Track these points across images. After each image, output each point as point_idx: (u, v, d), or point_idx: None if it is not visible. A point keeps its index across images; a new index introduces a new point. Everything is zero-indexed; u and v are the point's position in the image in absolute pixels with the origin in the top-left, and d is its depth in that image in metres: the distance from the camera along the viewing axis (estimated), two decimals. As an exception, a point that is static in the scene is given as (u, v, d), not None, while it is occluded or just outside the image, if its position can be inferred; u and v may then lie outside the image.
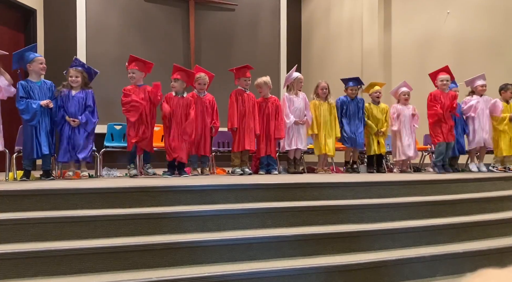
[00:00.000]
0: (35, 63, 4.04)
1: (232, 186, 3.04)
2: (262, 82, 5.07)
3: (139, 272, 2.32)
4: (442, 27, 7.10)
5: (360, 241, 2.80)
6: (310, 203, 3.07)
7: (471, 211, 3.36)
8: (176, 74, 4.50)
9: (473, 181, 3.86)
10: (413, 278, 2.63)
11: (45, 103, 3.94)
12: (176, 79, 4.49)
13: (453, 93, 5.18)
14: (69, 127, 4.15)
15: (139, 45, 8.19)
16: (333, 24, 9.11)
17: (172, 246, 2.46)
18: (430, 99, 5.11)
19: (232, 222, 2.75)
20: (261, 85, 5.07)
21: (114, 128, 5.38)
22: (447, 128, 4.98)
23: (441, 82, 5.10)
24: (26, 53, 4.08)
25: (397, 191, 3.44)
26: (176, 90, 4.49)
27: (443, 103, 5.01)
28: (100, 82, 7.26)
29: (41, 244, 2.38)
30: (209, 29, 8.84)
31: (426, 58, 7.30)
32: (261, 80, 5.07)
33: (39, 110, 3.92)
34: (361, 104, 5.46)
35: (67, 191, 2.77)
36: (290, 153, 5.22)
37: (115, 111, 7.12)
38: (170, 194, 2.89)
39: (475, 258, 2.83)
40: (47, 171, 4.13)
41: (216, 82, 5.00)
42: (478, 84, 5.44)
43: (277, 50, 9.45)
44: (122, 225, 2.58)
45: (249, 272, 2.35)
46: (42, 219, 2.50)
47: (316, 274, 2.46)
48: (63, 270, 2.28)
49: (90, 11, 7.86)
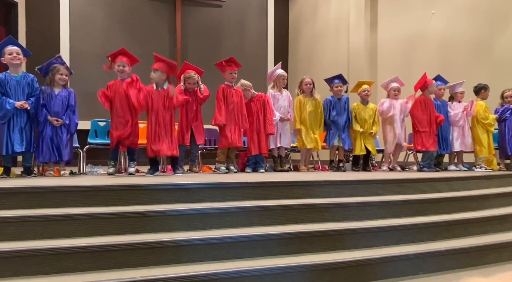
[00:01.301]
0: (5, 55, 3.90)
1: (218, 185, 3.03)
2: (240, 87, 5.02)
3: (123, 271, 2.29)
4: (427, 27, 7.20)
5: (345, 239, 2.81)
6: (296, 201, 3.07)
7: (454, 210, 3.42)
8: (155, 65, 4.25)
9: (457, 179, 3.92)
10: (396, 276, 2.66)
11: (20, 104, 3.82)
12: (155, 70, 4.23)
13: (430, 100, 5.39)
14: (51, 127, 4.06)
15: (124, 41, 8.06)
16: (320, 22, 9.14)
17: (157, 245, 2.43)
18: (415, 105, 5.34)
19: (218, 221, 2.73)
20: (243, 92, 5.02)
21: (98, 124, 5.30)
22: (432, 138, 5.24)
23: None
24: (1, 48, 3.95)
25: (381, 189, 3.47)
26: (155, 82, 4.23)
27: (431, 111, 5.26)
28: (84, 77, 7.15)
29: (21, 243, 2.32)
30: (196, 26, 8.77)
31: (412, 57, 7.39)
32: (240, 85, 5.03)
33: (11, 111, 3.79)
34: (347, 105, 5.50)
35: (49, 188, 2.71)
36: (274, 151, 5.23)
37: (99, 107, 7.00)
38: (155, 192, 2.85)
39: (457, 255, 2.88)
40: (27, 168, 4.03)
41: (203, 79, 4.96)
42: (458, 91, 5.57)
43: (264, 47, 9.45)
44: (106, 223, 2.53)
45: (234, 270, 2.34)
46: (22, 218, 2.44)
47: (301, 272, 2.46)
48: (45, 270, 2.23)
49: (74, 5, 7.72)
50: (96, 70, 7.22)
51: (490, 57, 6.38)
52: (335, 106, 5.44)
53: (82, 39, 7.77)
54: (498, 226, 3.36)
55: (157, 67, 4.24)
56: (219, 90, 4.83)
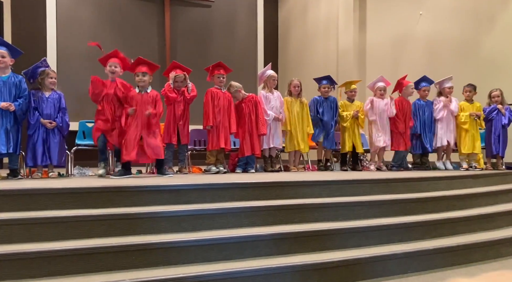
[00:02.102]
0: None
1: (208, 186, 3.02)
2: (233, 90, 5.01)
3: (113, 273, 2.27)
4: (415, 27, 7.28)
5: (334, 239, 2.83)
6: (287, 201, 3.08)
7: (441, 209, 3.47)
8: (145, 69, 4.16)
9: (444, 179, 3.97)
10: (385, 275, 2.69)
11: (5, 106, 3.76)
12: (144, 73, 4.13)
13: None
14: (43, 130, 4.03)
15: (112, 41, 8.00)
16: (309, 23, 9.18)
17: (147, 246, 2.42)
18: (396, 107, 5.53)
19: (208, 222, 2.73)
20: (234, 94, 5.02)
21: (86, 125, 5.25)
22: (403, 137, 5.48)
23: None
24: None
25: (370, 189, 3.50)
26: (142, 86, 4.14)
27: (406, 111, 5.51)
28: (71, 78, 7.08)
29: (8, 247, 2.29)
30: (185, 26, 8.74)
31: (400, 57, 7.47)
32: (230, 87, 5.03)
33: None
34: (334, 105, 5.55)
35: (36, 191, 2.67)
36: (265, 151, 5.23)
37: (87, 108, 6.93)
38: (144, 194, 2.84)
39: (445, 254, 2.92)
40: (14, 170, 3.97)
41: (192, 80, 4.95)
42: (446, 86, 5.65)
43: (254, 48, 9.45)
44: (95, 225, 2.51)
45: (224, 272, 2.34)
46: (9, 221, 2.41)
47: (291, 272, 2.47)
48: (33, 273, 2.20)
49: (60, 5, 7.62)
50: (83, 70, 7.17)
51: (476, 57, 6.48)
52: (321, 104, 5.51)
53: (69, 39, 7.68)
54: (485, 225, 3.42)
55: (147, 70, 4.17)
56: (207, 94, 4.83)
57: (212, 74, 4.93)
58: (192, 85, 4.82)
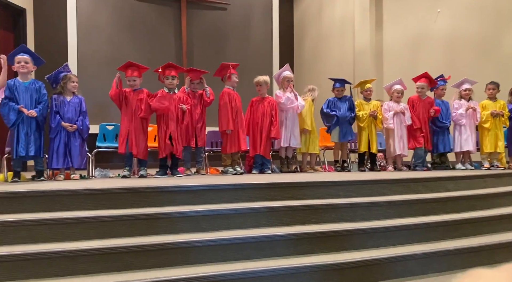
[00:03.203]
0: (15, 63, 3.99)
1: (225, 186, 3.04)
2: (262, 80, 5.07)
3: (133, 273, 2.31)
4: (433, 26, 7.16)
5: (352, 240, 2.81)
6: (303, 202, 3.08)
7: (462, 209, 3.40)
8: (174, 72, 4.58)
9: (464, 178, 3.90)
10: (405, 276, 2.65)
11: (30, 114, 3.87)
12: (173, 76, 4.55)
13: (430, 100, 5.52)
14: (65, 134, 4.14)
15: (130, 45, 8.15)
16: (325, 23, 9.14)
17: (166, 246, 2.45)
18: (408, 104, 5.55)
19: (226, 222, 2.75)
20: (260, 83, 5.07)
21: (106, 128, 5.36)
22: (421, 136, 5.41)
23: (416, 89, 5.53)
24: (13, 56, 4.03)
25: (389, 189, 3.46)
26: (170, 88, 4.53)
27: (418, 111, 5.46)
28: (91, 82, 7.23)
29: (32, 246, 2.36)
30: (201, 29, 8.82)
31: (417, 57, 7.36)
32: (262, 79, 5.08)
33: (13, 119, 3.84)
34: (349, 102, 5.52)
35: (59, 192, 2.74)
36: (281, 152, 5.23)
37: (107, 111, 7.09)
38: (163, 195, 2.88)
39: (466, 255, 2.86)
40: (40, 172, 4.09)
41: (208, 82, 5.00)
42: (462, 88, 5.55)
43: (269, 49, 9.46)
44: (115, 226, 2.56)
45: (242, 272, 2.36)
46: (34, 221, 2.48)
47: (309, 273, 2.47)
48: (56, 272, 2.26)
49: (80, 11, 7.80)
50: (103, 75, 7.32)
51: (497, 55, 6.33)
52: (336, 104, 5.50)
53: (89, 44, 7.85)
54: (508, 225, 3.33)
55: (176, 74, 4.58)
56: (224, 96, 4.82)
57: (230, 74, 4.93)
58: (209, 89, 4.87)
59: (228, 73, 4.90)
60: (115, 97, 4.37)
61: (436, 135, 5.56)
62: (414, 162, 5.50)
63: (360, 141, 5.49)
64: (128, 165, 4.50)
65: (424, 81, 5.50)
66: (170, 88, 4.54)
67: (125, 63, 4.49)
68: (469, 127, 5.46)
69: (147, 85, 4.60)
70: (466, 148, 5.43)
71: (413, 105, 5.52)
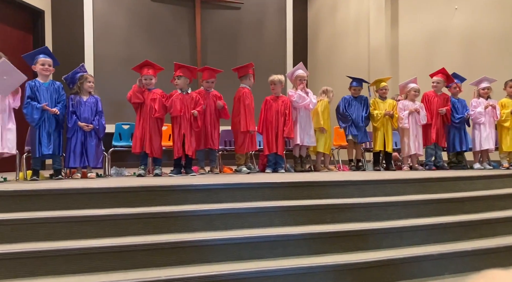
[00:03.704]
0: (37, 65, 4.09)
1: (239, 185, 3.05)
2: (277, 79, 5.07)
3: (148, 271, 2.34)
4: (450, 23, 7.03)
5: (367, 240, 2.79)
6: (317, 201, 3.06)
7: (479, 209, 3.34)
8: (179, 72, 4.55)
9: (482, 178, 3.82)
10: (421, 277, 2.62)
11: (54, 111, 3.99)
12: (179, 76, 4.53)
13: (446, 96, 5.46)
14: (81, 133, 4.22)
15: (145, 45, 8.23)
16: (339, 21, 9.07)
17: (180, 245, 2.47)
18: (422, 100, 5.49)
19: (239, 221, 2.76)
20: (275, 82, 5.08)
21: (122, 128, 5.43)
22: (435, 132, 5.34)
23: (432, 84, 5.47)
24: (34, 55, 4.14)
25: (404, 189, 3.42)
26: (180, 88, 4.53)
27: (433, 105, 5.39)
28: (107, 81, 7.33)
29: (51, 244, 2.41)
30: (215, 28, 8.85)
31: (434, 54, 7.23)
32: (276, 78, 5.08)
33: (37, 118, 3.94)
34: (364, 102, 5.47)
35: (76, 190, 2.80)
36: (295, 151, 5.21)
37: (123, 111, 7.18)
38: (178, 193, 2.91)
39: (484, 256, 2.81)
40: (58, 170, 4.18)
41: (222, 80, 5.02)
42: (480, 87, 5.45)
43: (283, 48, 9.44)
44: (131, 224, 2.60)
45: (256, 270, 2.36)
46: (52, 219, 2.53)
47: (323, 272, 2.46)
48: (73, 269, 2.31)
49: (97, 12, 7.92)
50: (119, 74, 7.42)
51: (517, 52, 6.18)
52: (351, 103, 5.47)
53: (105, 44, 7.97)
54: (527, 226, 3.26)
55: (181, 74, 4.52)
56: (248, 95, 4.84)
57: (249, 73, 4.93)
58: (224, 104, 4.86)
59: (250, 73, 4.96)
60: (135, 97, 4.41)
61: (453, 133, 5.46)
62: (425, 160, 5.44)
63: (376, 139, 5.43)
64: (144, 163, 4.56)
65: (441, 76, 5.43)
66: (180, 88, 4.53)
67: (142, 62, 4.53)
68: (488, 125, 5.35)
69: (160, 86, 4.66)
70: (486, 146, 5.32)
71: (427, 100, 5.45)
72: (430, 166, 5.37)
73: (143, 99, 4.44)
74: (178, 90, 4.53)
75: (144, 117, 4.44)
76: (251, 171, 4.79)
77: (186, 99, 4.49)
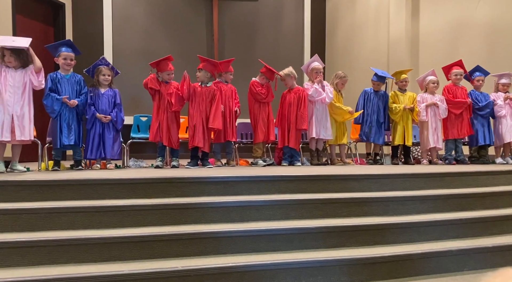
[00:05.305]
0: (60, 58, 4.17)
1: (255, 178, 3.06)
2: (283, 74, 5.06)
3: (165, 261, 2.38)
4: (473, 14, 6.82)
5: (384, 234, 2.77)
6: (334, 195, 3.05)
7: (502, 204, 3.26)
8: (201, 65, 4.58)
9: (504, 173, 3.72)
10: (439, 272, 2.59)
11: (71, 103, 4.05)
12: (200, 69, 4.57)
13: (464, 88, 5.36)
14: (99, 125, 4.29)
15: (163, 37, 8.28)
16: (358, 12, 8.91)
17: (197, 236, 2.50)
18: (443, 93, 5.35)
19: (256, 213, 2.77)
20: (283, 77, 5.07)
21: (140, 119, 5.49)
22: (457, 124, 5.21)
23: (454, 77, 5.35)
24: (58, 47, 4.22)
25: (423, 183, 3.37)
26: (200, 80, 4.56)
27: (459, 97, 5.26)
28: (126, 74, 7.41)
29: (72, 233, 2.47)
30: (232, 20, 8.83)
31: (456, 46, 7.04)
32: (282, 73, 5.06)
33: (57, 110, 4.02)
34: (383, 99, 5.37)
35: (96, 181, 2.85)
36: (311, 144, 5.18)
37: (141, 103, 7.27)
38: (195, 185, 2.93)
39: (505, 252, 2.75)
40: (78, 161, 4.27)
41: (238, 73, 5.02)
42: (500, 82, 5.32)
43: (301, 40, 9.34)
44: (149, 215, 2.64)
45: (272, 263, 2.37)
46: (73, 208, 2.60)
47: (339, 266, 2.45)
48: (93, 257, 2.36)
49: (116, 5, 8.00)
50: (138, 66, 7.50)
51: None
52: (370, 97, 5.37)
53: (124, 37, 8.05)
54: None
55: (202, 67, 4.53)
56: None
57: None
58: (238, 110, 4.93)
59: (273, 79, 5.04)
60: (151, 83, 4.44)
61: (477, 127, 5.32)
62: (445, 154, 5.35)
63: (395, 133, 5.35)
64: (161, 155, 4.61)
65: (461, 68, 5.32)
66: (201, 81, 4.56)
67: (165, 57, 4.53)
68: (509, 117, 5.21)
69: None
70: (508, 139, 5.18)
71: (449, 91, 5.32)
72: (450, 160, 5.25)
73: (159, 87, 4.47)
74: (199, 83, 4.57)
75: (162, 109, 4.47)
76: (267, 163, 4.80)
77: (203, 93, 4.50)
